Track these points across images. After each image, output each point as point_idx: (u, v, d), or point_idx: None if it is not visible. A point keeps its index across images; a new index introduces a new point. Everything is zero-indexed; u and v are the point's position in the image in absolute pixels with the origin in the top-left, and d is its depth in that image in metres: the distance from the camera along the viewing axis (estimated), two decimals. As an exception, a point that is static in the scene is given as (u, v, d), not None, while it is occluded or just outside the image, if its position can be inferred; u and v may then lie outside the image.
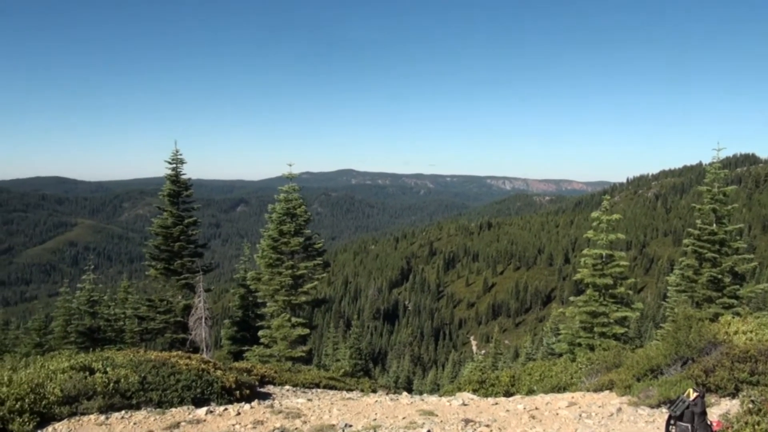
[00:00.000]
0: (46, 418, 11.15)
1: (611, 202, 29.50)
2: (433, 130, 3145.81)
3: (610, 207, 29.10)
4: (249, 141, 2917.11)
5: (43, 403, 11.21)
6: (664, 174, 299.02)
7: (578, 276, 28.66)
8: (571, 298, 29.72)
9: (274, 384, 20.72)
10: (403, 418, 12.31)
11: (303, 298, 33.90)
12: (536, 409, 13.34)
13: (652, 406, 13.19)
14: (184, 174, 37.35)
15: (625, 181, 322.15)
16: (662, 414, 12.42)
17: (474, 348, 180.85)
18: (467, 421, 11.87)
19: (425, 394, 18.22)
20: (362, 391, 23.76)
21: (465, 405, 13.73)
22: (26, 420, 10.56)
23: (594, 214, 28.83)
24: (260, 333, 34.66)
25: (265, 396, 16.72)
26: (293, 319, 33.45)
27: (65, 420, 11.23)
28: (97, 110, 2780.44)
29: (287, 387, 20.41)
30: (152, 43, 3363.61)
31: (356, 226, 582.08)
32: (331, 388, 22.90)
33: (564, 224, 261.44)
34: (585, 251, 28.91)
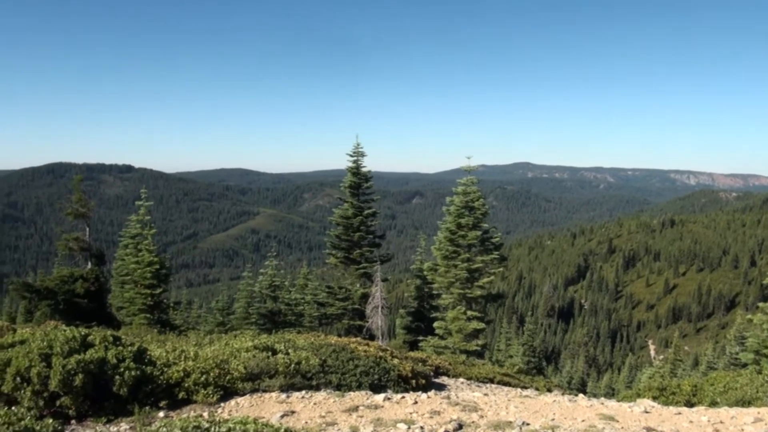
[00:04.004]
0: (229, 393, 11.58)
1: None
2: (613, 119, 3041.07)
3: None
4: (425, 134, 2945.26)
5: (227, 378, 11.69)
6: None
7: (767, 280, 26.71)
8: (759, 304, 27.73)
9: (448, 376, 20.68)
10: (582, 420, 11.84)
11: (478, 292, 33.70)
12: (720, 422, 12.48)
13: (840, 427, 12.03)
14: (364, 166, 38.18)
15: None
16: None
17: (652, 352, 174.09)
18: (649, 430, 11.26)
19: (602, 398, 17.54)
20: (537, 389, 23.30)
21: (647, 413, 13.04)
22: (210, 392, 11.05)
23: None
24: (435, 324, 34.78)
25: (440, 387, 16.66)
26: (468, 312, 33.33)
27: (247, 395, 11.62)
28: (280, 106, 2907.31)
29: (461, 380, 20.30)
30: (333, 41, 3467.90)
31: (531, 220, 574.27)
32: (505, 384, 22.60)
33: (751, 223, 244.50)
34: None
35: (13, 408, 8.82)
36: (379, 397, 11.94)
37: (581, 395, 17.73)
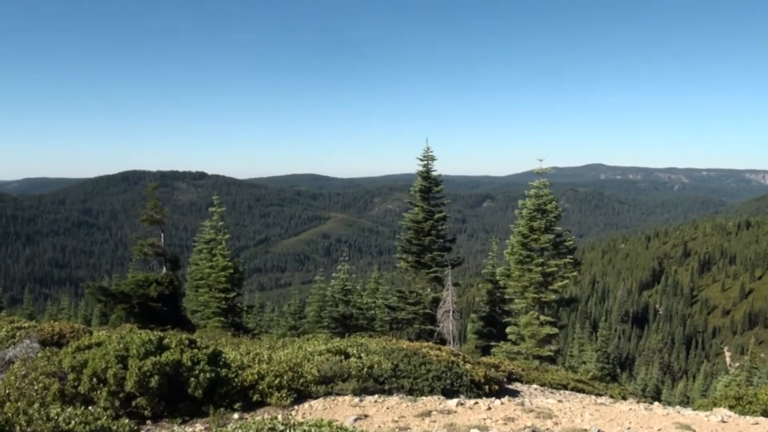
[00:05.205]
0: (303, 395, 11.72)
1: None
2: (687, 119, 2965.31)
3: None
4: (495, 137, 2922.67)
5: (300, 381, 11.83)
6: None
7: None
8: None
9: (521, 382, 20.41)
10: (659, 429, 11.54)
11: (552, 297, 33.24)
12: (798, 432, 12.03)
13: None
14: (434, 170, 38.06)
15: None
16: None
17: (727, 360, 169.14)
18: (726, 440, 10.92)
19: (678, 406, 17.09)
20: (612, 396, 22.80)
21: (723, 422, 12.64)
22: (284, 395, 11.17)
23: None
24: (508, 329, 34.46)
25: (513, 393, 16.46)
26: (541, 317, 32.91)
27: (321, 398, 11.71)
28: (350, 112, 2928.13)
29: (534, 386, 20.01)
30: (403, 45, 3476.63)
31: (605, 223, 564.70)
32: (579, 391, 22.19)
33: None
34: None
35: (89, 408, 9.00)
36: (451, 403, 11.84)
37: (657, 403, 17.31)
